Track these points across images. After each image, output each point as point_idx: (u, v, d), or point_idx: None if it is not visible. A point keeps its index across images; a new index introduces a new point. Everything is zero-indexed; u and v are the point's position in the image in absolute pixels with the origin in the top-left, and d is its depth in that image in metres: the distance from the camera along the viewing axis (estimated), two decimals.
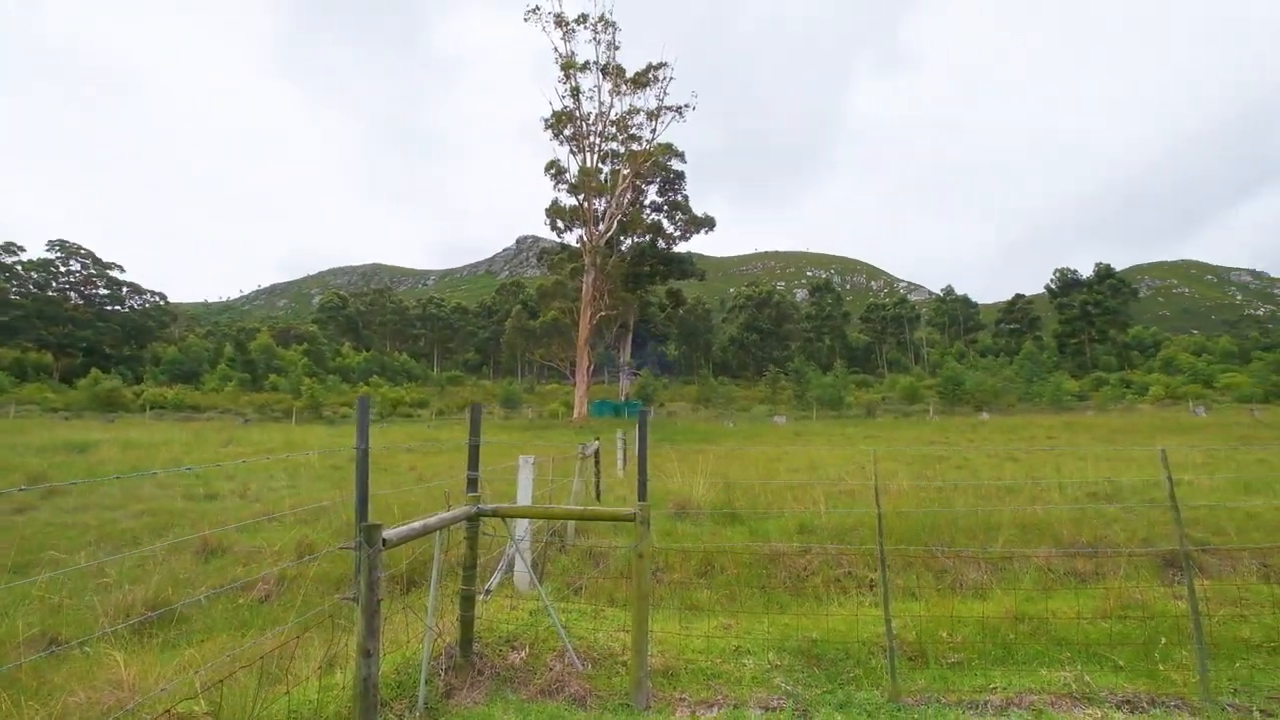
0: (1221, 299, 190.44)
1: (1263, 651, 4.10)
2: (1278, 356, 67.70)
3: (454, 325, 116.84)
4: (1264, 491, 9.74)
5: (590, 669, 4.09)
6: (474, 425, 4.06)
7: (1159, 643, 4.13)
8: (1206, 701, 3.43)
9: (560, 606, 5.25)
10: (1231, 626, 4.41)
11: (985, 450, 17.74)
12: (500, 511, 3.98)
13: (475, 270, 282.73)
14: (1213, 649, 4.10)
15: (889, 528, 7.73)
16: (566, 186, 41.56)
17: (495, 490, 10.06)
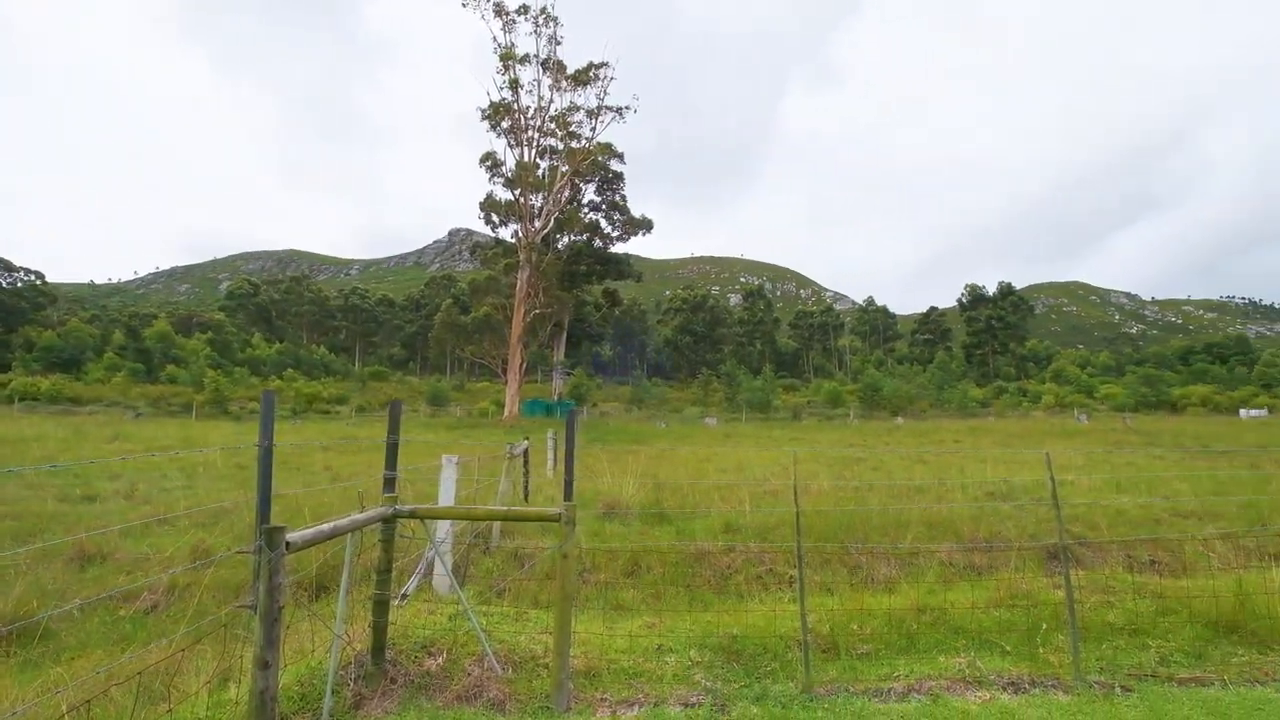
0: (1103, 318, 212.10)
1: (1125, 633, 4.57)
2: (1147, 370, 76.10)
3: (379, 318, 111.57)
4: (1132, 490, 10.89)
5: (511, 673, 4.00)
6: (393, 422, 3.88)
7: (1041, 628, 4.53)
8: (1078, 680, 3.79)
9: (482, 610, 5.11)
10: (1100, 612, 4.88)
11: (899, 453, 18.83)
12: (419, 513, 3.82)
13: (403, 261, 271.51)
14: (1084, 633, 4.53)
15: (809, 526, 8.05)
16: (502, 180, 40.65)
17: (418, 491, 9.68)
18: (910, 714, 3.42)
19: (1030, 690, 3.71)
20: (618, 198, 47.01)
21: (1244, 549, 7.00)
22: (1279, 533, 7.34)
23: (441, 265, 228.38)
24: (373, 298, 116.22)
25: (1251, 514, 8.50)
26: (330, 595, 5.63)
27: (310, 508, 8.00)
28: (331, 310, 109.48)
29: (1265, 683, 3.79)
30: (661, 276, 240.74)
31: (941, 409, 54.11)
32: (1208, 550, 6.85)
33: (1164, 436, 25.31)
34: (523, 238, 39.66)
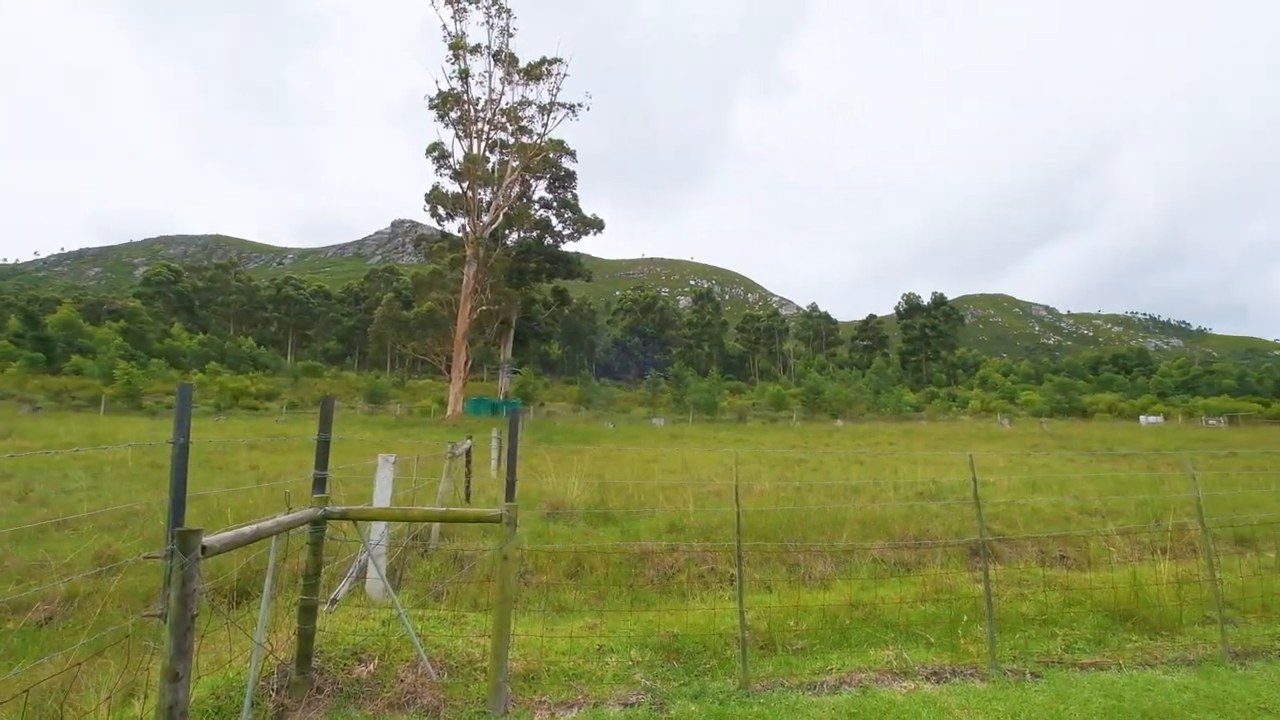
0: (1024, 329, 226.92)
1: (1036, 623, 4.90)
2: (1062, 379, 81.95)
3: (314, 310, 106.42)
4: (1045, 490, 11.68)
5: (446, 678, 3.90)
6: (325, 419, 3.71)
7: (962, 621, 4.79)
8: (993, 668, 4.02)
9: (418, 614, 4.96)
10: (1015, 604, 5.21)
11: (838, 454, 19.51)
12: (351, 514, 3.66)
13: (342, 252, 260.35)
14: (1000, 623, 4.82)
15: (751, 526, 8.22)
16: (450, 172, 39.51)
17: (352, 492, 9.30)
18: (841, 706, 3.54)
19: (951, 679, 3.91)
20: (569, 196, 46.67)
21: (1139, 544, 7.63)
22: (1170, 529, 8.03)
23: (384, 257, 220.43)
24: (308, 289, 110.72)
25: (1147, 511, 9.28)
26: (253, 602, 5.32)
27: (233, 509, 7.55)
28: (262, 301, 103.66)
29: (1155, 665, 4.14)
30: (612, 276, 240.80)
31: (878, 412, 56.46)
32: (1109, 545, 7.42)
33: (1075, 440, 27.30)
34: (470, 232, 38.72)
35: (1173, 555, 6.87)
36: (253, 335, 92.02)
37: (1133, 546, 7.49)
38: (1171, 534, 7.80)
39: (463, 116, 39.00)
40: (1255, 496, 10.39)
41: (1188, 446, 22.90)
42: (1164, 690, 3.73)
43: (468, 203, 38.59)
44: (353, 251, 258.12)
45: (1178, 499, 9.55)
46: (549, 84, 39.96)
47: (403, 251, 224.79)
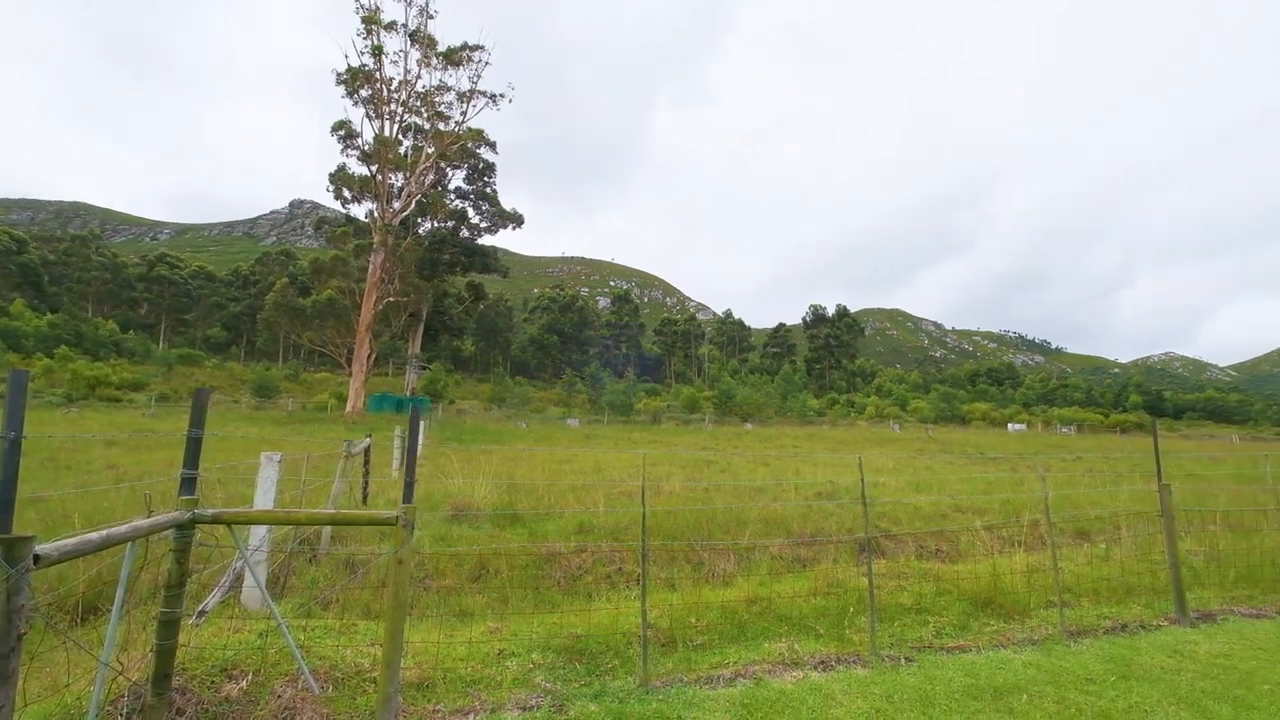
0: (915, 342, 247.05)
1: (912, 612, 5.34)
2: (945, 389, 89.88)
3: (193, 293, 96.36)
4: (927, 490, 12.76)
5: (331, 691, 3.66)
6: (197, 413, 3.37)
7: (848, 612, 5.12)
8: (873, 655, 4.34)
9: (302, 624, 4.62)
10: (895, 595, 5.65)
11: (745, 456, 20.26)
12: (225, 517, 3.35)
13: (230, 231, 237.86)
14: (882, 613, 5.21)
15: (659, 525, 8.36)
16: (358, 153, 37.08)
17: (232, 494, 8.52)
18: (736, 698, 3.68)
19: (836, 667, 4.18)
20: (488, 188, 45.33)
21: (1001, 538, 8.52)
22: (1025, 524, 9.03)
23: (279, 239, 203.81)
24: (186, 269, 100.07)
25: (1008, 509, 10.37)
26: (104, 618, 4.74)
27: (83, 513, 6.69)
28: (129, 279, 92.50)
29: (1007, 646, 4.64)
30: (531, 273, 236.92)
31: (785, 416, 59.28)
32: (975, 540, 8.22)
33: (954, 445, 30.03)
34: (379, 218, 36.57)
35: (1026, 548, 7.72)
36: (117, 318, 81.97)
37: (995, 541, 8.34)
38: (1026, 529, 8.78)
39: (374, 96, 36.78)
40: (1094, 495, 11.90)
41: (1043, 451, 25.85)
42: (1013, 667, 4.19)
43: (377, 187, 36.40)
44: (243, 231, 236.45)
45: (1033, 498, 10.76)
46: (469, 71, 38.64)
47: (301, 234, 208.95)
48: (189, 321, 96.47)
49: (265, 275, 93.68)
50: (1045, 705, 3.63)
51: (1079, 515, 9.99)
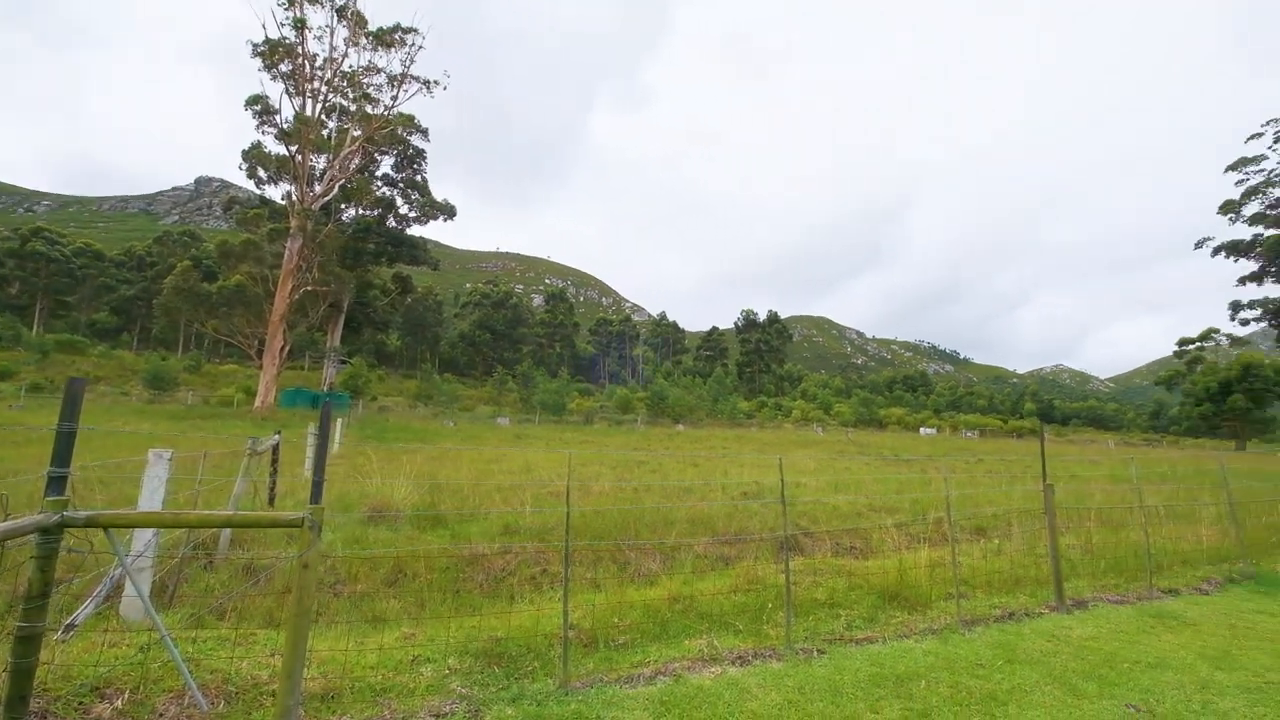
0: (839, 349, 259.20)
1: (826, 606, 5.58)
2: (865, 394, 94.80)
3: (76, 273, 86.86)
4: (845, 490, 13.39)
5: (223, 706, 3.39)
6: (70, 405, 3.03)
7: (766, 608, 5.29)
8: (788, 649, 4.50)
9: (192, 635, 4.26)
10: (810, 590, 5.89)
11: (676, 456, 20.52)
12: (101, 520, 3.03)
13: (124, 206, 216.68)
14: (798, 608, 5.42)
15: (587, 526, 8.32)
16: (276, 131, 34.59)
17: (116, 494, 7.75)
18: (655, 695, 3.71)
19: (753, 662, 4.30)
20: (418, 177, 43.59)
21: (909, 535, 9.07)
22: (930, 522, 9.66)
23: (183, 218, 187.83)
24: (69, 245, 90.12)
25: (917, 508, 11.06)
26: None
27: None
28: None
29: (910, 636, 4.93)
30: (463, 268, 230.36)
31: (716, 418, 60.57)
32: (886, 537, 8.70)
33: (871, 447, 31.69)
34: (298, 201, 34.31)
35: (931, 544, 8.25)
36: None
37: (904, 538, 8.86)
38: (931, 527, 9.39)
39: (295, 72, 34.45)
40: (991, 495, 12.89)
41: (950, 454, 27.76)
42: (914, 656, 4.46)
43: (296, 168, 34.12)
44: (140, 208, 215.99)
45: (938, 498, 11.53)
46: (402, 54, 36.98)
47: (209, 215, 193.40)
48: (71, 304, 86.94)
49: (165, 257, 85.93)
50: (940, 690, 3.89)
51: (977, 513, 10.79)
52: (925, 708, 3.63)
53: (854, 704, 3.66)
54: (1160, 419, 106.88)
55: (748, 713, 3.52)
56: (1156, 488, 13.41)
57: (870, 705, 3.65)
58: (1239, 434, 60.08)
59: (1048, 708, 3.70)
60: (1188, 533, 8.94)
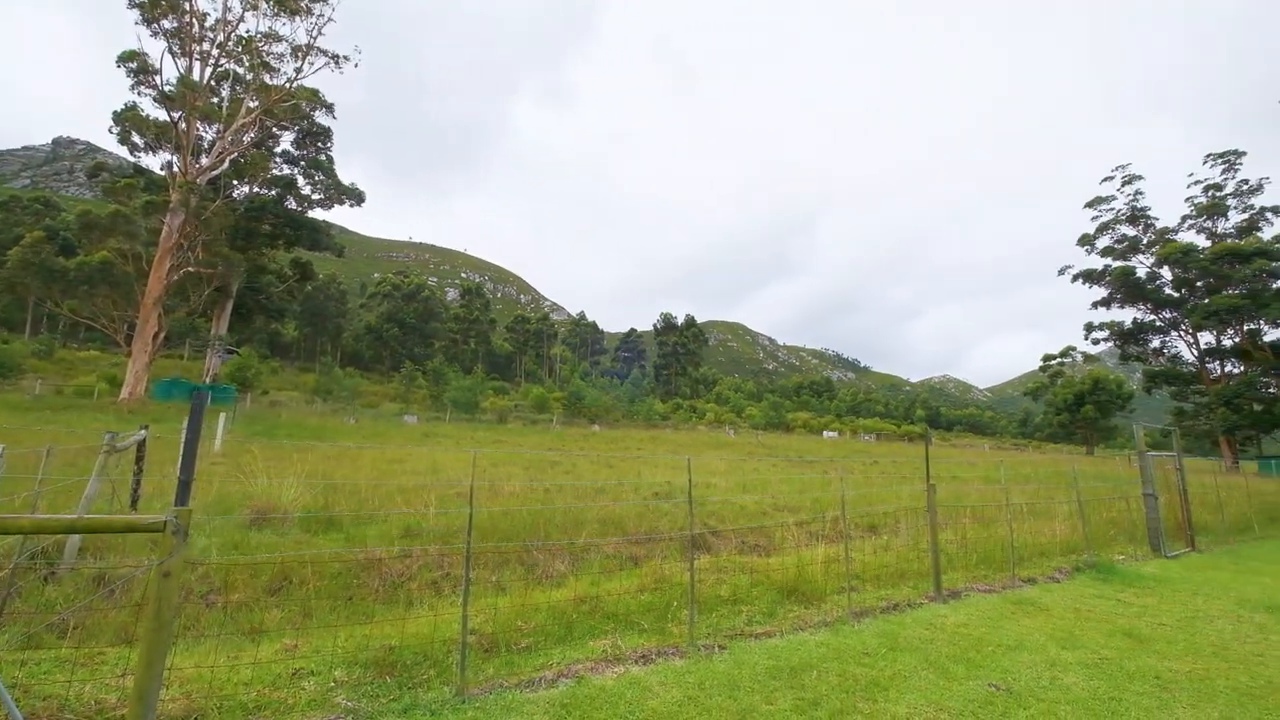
0: (752, 354, 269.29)
1: (729, 603, 5.74)
2: (775, 398, 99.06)
3: None
4: (752, 490, 13.89)
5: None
6: None
7: (671, 606, 5.36)
8: (691, 646, 4.58)
9: (21, 658, 3.71)
10: (715, 588, 6.04)
11: (591, 457, 20.44)
12: None
13: None
14: (702, 606, 5.54)
15: (495, 527, 8.08)
16: (156, 94, 30.99)
17: None
18: (556, 698, 3.65)
19: (656, 660, 4.34)
20: (323, 156, 40.68)
21: (809, 532, 9.55)
22: (828, 520, 10.22)
23: (35, 182, 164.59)
24: None
25: (817, 507, 11.67)
26: None
27: None
28: None
29: (805, 629, 5.17)
30: (372, 257, 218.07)
31: (632, 419, 61.03)
32: (787, 535, 9.11)
33: (779, 449, 33.14)
34: (180, 173, 30.93)
35: (828, 541, 8.73)
36: None
37: (804, 535, 9.32)
38: (829, 525, 9.93)
39: (181, 30, 31.00)
40: (883, 494, 13.84)
41: (849, 456, 29.56)
42: (808, 648, 4.68)
43: (179, 137, 30.67)
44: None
45: (836, 497, 12.23)
46: (308, 23, 34.29)
47: (69, 181, 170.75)
48: None
49: (11, 225, 74.70)
50: (830, 679, 4.10)
51: (871, 512, 11.55)
52: (816, 696, 3.81)
53: (751, 697, 3.78)
54: (1028, 426, 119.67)
55: (648, 711, 3.54)
56: (1021, 488, 14.96)
57: (765, 697, 3.78)
58: (1089, 440, 68.60)
59: (923, 690, 3.99)
60: (1045, 528, 10.03)
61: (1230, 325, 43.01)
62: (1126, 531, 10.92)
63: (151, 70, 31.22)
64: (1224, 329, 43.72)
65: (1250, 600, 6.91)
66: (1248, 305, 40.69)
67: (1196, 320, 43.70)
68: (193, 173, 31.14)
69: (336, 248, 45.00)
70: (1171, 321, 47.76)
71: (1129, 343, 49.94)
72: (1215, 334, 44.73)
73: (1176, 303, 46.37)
